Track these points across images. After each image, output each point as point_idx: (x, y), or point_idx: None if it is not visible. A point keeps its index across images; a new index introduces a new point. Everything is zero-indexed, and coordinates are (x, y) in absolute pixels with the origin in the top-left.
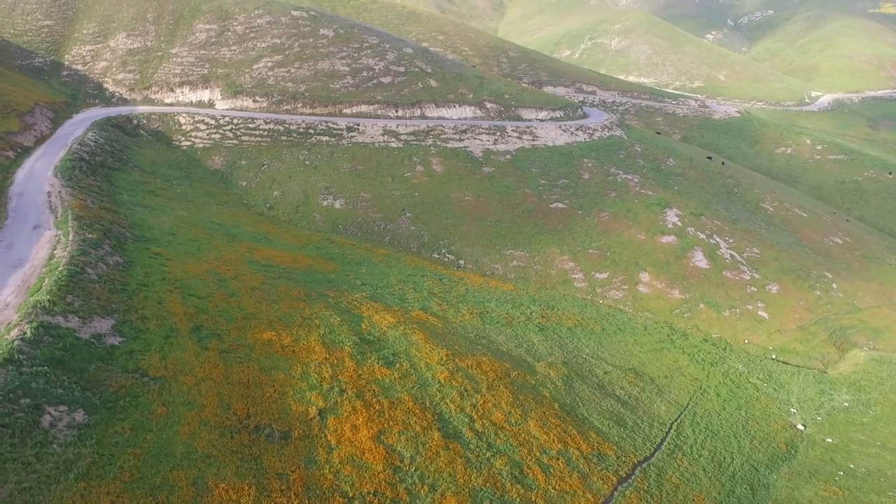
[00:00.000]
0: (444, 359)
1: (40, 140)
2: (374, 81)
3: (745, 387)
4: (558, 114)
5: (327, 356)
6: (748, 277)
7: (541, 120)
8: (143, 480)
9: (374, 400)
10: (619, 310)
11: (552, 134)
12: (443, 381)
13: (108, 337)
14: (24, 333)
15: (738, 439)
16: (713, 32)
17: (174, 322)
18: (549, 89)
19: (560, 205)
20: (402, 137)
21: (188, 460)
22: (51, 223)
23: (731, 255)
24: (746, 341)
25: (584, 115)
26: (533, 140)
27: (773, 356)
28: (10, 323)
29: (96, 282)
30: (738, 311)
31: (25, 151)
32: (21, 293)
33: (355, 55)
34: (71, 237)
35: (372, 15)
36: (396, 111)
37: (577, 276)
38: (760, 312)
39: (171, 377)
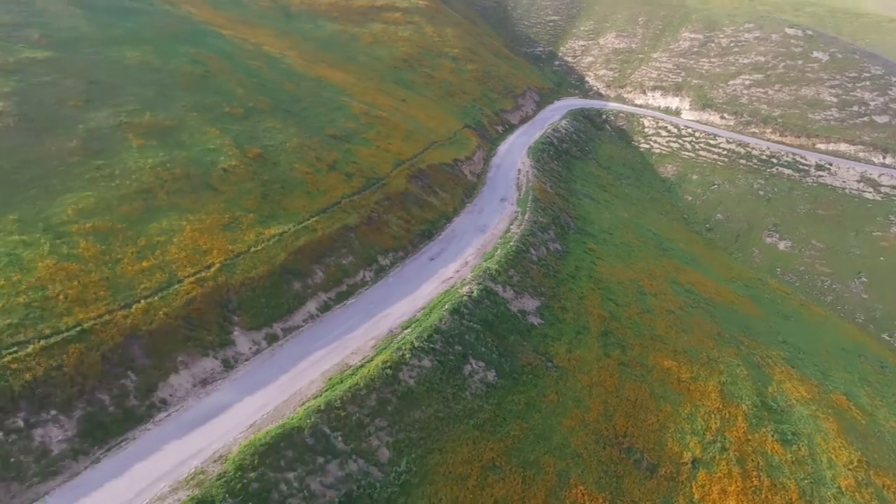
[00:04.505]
0: (855, 464)
1: (524, 119)
2: (865, 119)
3: None
4: None
5: (721, 407)
6: None
7: None
8: (520, 451)
9: (754, 473)
10: None
11: None
12: (843, 489)
13: (531, 316)
14: (472, 293)
15: None
16: None
17: (587, 321)
18: None
19: None
20: (883, 189)
21: (560, 451)
22: (514, 199)
23: None
24: None
25: None
26: None
27: None
28: (465, 279)
29: (535, 263)
30: None
31: (510, 128)
32: (478, 256)
33: (848, 85)
34: (526, 217)
35: (883, 37)
36: (884, 157)
37: None
38: None
39: (570, 371)
